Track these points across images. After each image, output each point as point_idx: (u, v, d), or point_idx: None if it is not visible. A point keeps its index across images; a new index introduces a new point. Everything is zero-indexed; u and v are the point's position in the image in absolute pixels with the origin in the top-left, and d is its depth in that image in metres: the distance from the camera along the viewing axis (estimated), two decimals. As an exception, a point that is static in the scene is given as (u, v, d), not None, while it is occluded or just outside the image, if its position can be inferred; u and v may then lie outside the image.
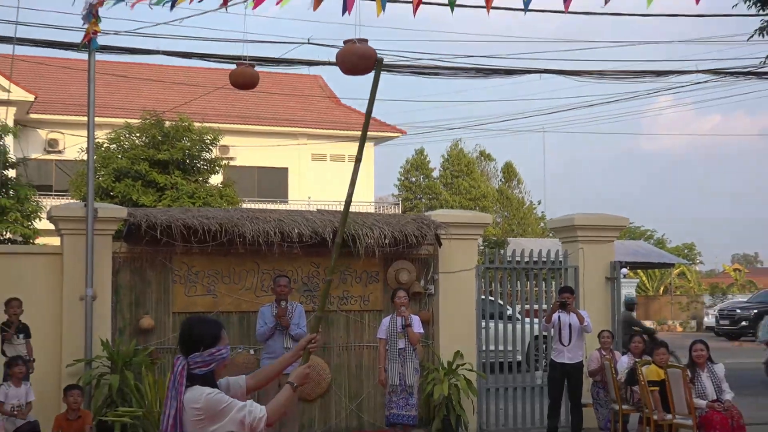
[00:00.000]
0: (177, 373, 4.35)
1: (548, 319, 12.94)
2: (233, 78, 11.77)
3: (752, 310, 36.57)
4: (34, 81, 34.70)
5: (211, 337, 4.47)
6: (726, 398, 11.26)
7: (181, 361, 4.39)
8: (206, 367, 4.40)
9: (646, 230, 58.90)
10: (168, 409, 4.28)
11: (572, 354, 12.87)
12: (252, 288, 13.10)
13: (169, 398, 4.31)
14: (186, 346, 4.46)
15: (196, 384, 4.35)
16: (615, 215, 15.04)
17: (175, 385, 4.33)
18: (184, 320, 4.69)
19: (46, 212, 13.36)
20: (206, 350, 4.43)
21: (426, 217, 13.98)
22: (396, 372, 11.53)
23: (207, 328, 4.52)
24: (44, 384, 11.71)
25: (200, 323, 4.60)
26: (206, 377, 4.42)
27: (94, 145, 13.57)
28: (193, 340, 4.46)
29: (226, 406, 4.29)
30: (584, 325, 12.78)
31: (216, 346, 4.45)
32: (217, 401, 4.28)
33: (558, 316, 12.82)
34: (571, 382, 13.00)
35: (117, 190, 22.36)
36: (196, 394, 4.29)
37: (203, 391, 4.30)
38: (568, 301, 12.84)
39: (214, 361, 4.43)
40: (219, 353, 4.44)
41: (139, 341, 12.52)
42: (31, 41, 15.63)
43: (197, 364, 4.39)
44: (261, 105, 39.21)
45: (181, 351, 4.46)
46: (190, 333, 4.50)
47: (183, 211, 13.14)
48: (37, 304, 12.06)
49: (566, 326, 12.78)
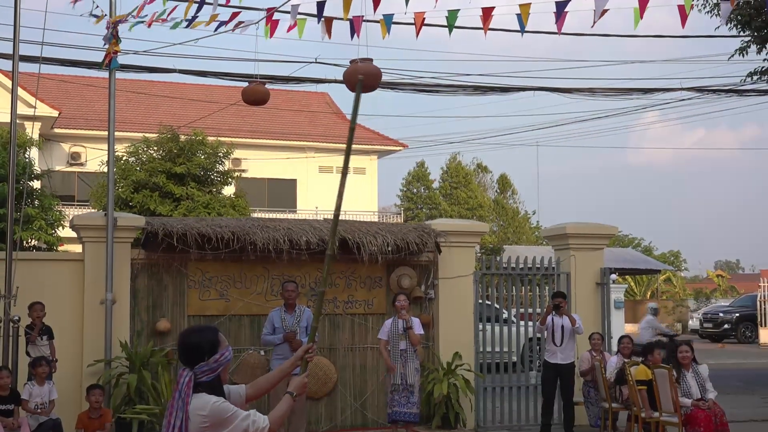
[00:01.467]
0: (184, 385, 4.21)
1: (542, 322, 12.91)
2: (246, 95, 11.78)
3: (734, 314, 36.57)
4: (58, 98, 34.76)
5: (211, 343, 4.34)
6: (709, 397, 11.22)
7: (187, 374, 4.26)
8: (213, 374, 4.30)
9: (633, 238, 58.93)
10: (173, 419, 4.14)
11: (564, 354, 12.84)
12: (262, 292, 13.09)
13: (175, 408, 4.17)
14: (188, 357, 4.33)
15: (202, 392, 4.25)
16: (604, 224, 15.02)
17: (181, 396, 4.19)
18: (181, 333, 4.48)
19: (69, 221, 13.37)
20: (210, 357, 4.30)
21: (426, 226, 13.96)
22: (398, 372, 11.51)
23: (206, 336, 4.39)
24: (66, 383, 11.69)
25: (198, 333, 4.45)
26: (212, 384, 4.31)
27: (114, 158, 13.57)
28: (195, 351, 4.32)
29: (231, 415, 4.18)
30: (576, 327, 12.76)
31: (219, 352, 4.34)
32: (223, 410, 4.18)
33: (551, 318, 12.80)
34: (563, 381, 12.96)
35: (135, 201, 22.38)
36: (202, 402, 4.19)
37: (210, 399, 4.20)
38: (561, 305, 12.82)
39: (220, 366, 4.33)
40: (222, 357, 4.33)
41: (156, 342, 12.50)
42: (56, 60, 15.67)
43: (203, 372, 4.28)
44: (271, 120, 39.22)
45: (185, 363, 4.33)
46: (191, 344, 4.35)
47: (197, 221, 13.13)
48: (60, 307, 12.06)
49: (559, 328, 12.76)
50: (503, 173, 54.88)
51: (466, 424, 13.34)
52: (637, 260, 34.65)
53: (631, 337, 13.55)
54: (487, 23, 9.03)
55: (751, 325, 35.78)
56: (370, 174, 40.73)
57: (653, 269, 38.32)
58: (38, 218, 18.65)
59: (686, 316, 44.32)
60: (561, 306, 12.80)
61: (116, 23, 11.76)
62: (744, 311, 36.48)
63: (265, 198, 37.93)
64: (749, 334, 35.69)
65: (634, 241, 58.59)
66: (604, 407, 12.96)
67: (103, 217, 12.46)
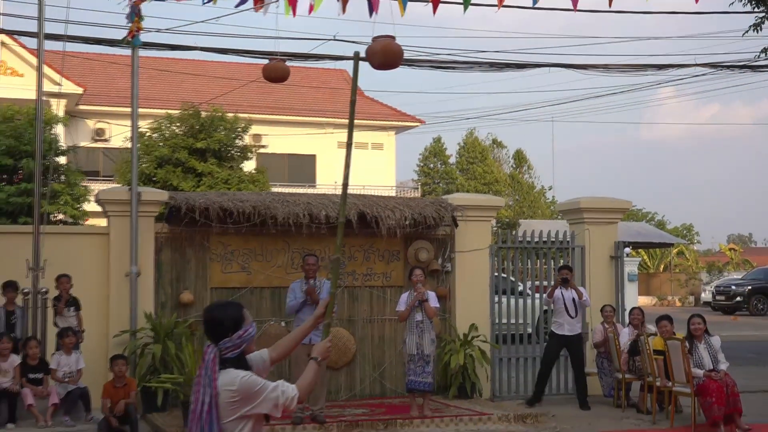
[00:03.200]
0: (209, 361, 4.15)
1: (551, 294, 12.95)
2: (266, 72, 11.75)
3: (746, 286, 36.40)
4: (83, 75, 34.81)
5: (234, 320, 4.27)
6: (721, 368, 11.21)
7: (212, 350, 4.20)
8: (237, 350, 4.24)
9: (647, 212, 58.60)
10: (201, 395, 4.09)
11: (572, 327, 12.88)
12: (283, 265, 13.13)
13: (202, 385, 4.11)
14: (214, 333, 4.25)
15: (229, 367, 4.19)
16: (619, 199, 14.98)
17: (208, 373, 4.12)
18: (206, 309, 4.39)
19: (94, 196, 13.43)
20: (234, 334, 4.24)
21: (443, 200, 13.96)
22: (414, 342, 11.54)
23: (229, 313, 4.31)
24: (93, 353, 11.79)
25: (222, 308, 4.36)
26: (238, 359, 4.25)
27: (138, 134, 13.61)
28: (220, 327, 4.25)
29: (260, 388, 4.12)
30: (583, 300, 12.80)
31: (243, 327, 4.27)
32: (252, 383, 4.13)
33: (560, 291, 12.82)
34: (573, 352, 13.00)
35: (159, 176, 22.42)
36: (230, 377, 4.13)
37: (238, 374, 4.14)
38: (569, 278, 12.84)
39: (244, 342, 4.26)
40: (246, 333, 4.27)
41: (179, 314, 12.58)
42: (80, 38, 15.71)
43: (228, 349, 4.21)
44: (291, 97, 39.16)
45: (210, 339, 4.26)
46: (216, 320, 4.28)
47: (219, 195, 13.17)
48: (86, 280, 12.13)
49: (570, 301, 12.78)
50: (519, 149, 54.64)
51: (482, 394, 13.38)
52: (650, 234, 34.48)
53: (641, 309, 13.54)
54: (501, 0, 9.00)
55: (764, 298, 35.68)
56: (388, 149, 40.67)
57: (666, 243, 38.14)
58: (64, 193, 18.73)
59: (699, 289, 44.19)
60: (568, 279, 12.83)
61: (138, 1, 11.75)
62: (756, 284, 36.33)
63: (285, 173, 37.94)
64: (761, 307, 35.58)
65: (647, 215, 58.27)
66: (617, 378, 12.98)
67: (127, 192, 12.51)
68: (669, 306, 43.27)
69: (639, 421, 11.88)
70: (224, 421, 4.11)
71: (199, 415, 4.08)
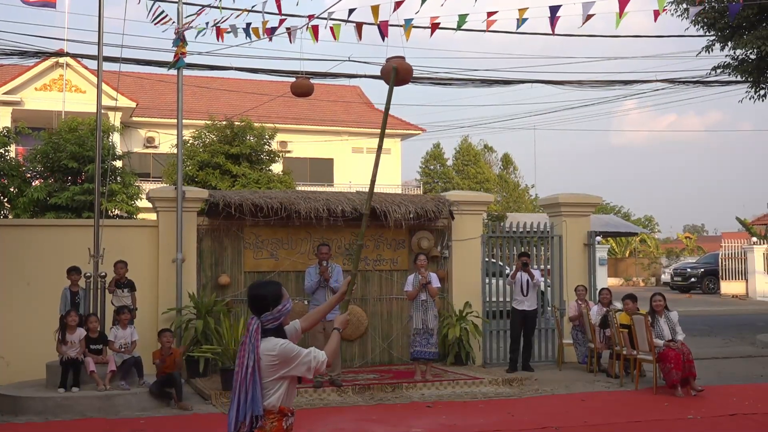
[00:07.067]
0: (253, 331, 4.16)
1: (513, 276, 12.98)
2: (294, 88, 11.71)
3: (700, 269, 36.42)
4: (135, 91, 34.80)
5: (275, 296, 4.27)
6: (679, 339, 11.18)
7: (255, 321, 4.21)
8: (276, 322, 4.25)
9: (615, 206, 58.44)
10: (246, 360, 4.11)
11: (530, 303, 12.92)
12: (306, 252, 13.12)
13: (246, 352, 4.13)
14: (257, 307, 4.26)
15: (269, 336, 4.20)
16: (591, 194, 14.93)
17: (251, 341, 4.14)
18: (250, 286, 4.39)
19: (146, 194, 13.42)
20: (274, 308, 4.25)
21: (442, 196, 13.93)
22: (419, 318, 11.53)
23: (271, 290, 4.31)
24: (145, 328, 11.79)
25: (264, 287, 4.37)
26: (277, 329, 4.26)
27: (183, 141, 13.61)
28: (263, 302, 4.25)
29: (296, 354, 4.14)
30: (535, 281, 12.84)
31: (281, 303, 4.27)
32: (289, 350, 4.15)
33: (520, 274, 12.84)
34: (527, 324, 13.03)
35: (200, 177, 22.40)
36: (271, 344, 4.14)
37: (277, 342, 4.15)
38: (528, 263, 12.86)
39: (282, 315, 4.27)
40: (284, 308, 4.27)
41: (218, 294, 12.59)
42: (133, 60, 15.73)
43: (269, 321, 4.22)
44: (312, 109, 39.09)
45: (253, 312, 4.27)
46: (258, 296, 4.28)
47: (251, 193, 13.16)
48: (139, 265, 12.14)
49: (525, 282, 12.82)
50: (506, 153, 54.42)
51: (475, 361, 13.37)
52: (617, 224, 34.35)
53: (609, 289, 13.51)
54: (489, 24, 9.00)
55: (714, 279, 35.62)
56: (395, 154, 40.53)
57: (631, 232, 38.03)
58: (120, 192, 18.68)
59: (659, 271, 44.09)
60: (527, 264, 12.84)
61: (183, 29, 11.76)
62: (708, 267, 36.28)
63: (307, 174, 37.88)
64: (712, 286, 35.54)
65: (615, 208, 58.13)
66: (590, 347, 12.95)
67: (174, 191, 12.52)
68: (634, 286, 43.16)
69: (609, 384, 11.85)
70: (265, 380, 4.13)
71: (244, 376, 4.10)
